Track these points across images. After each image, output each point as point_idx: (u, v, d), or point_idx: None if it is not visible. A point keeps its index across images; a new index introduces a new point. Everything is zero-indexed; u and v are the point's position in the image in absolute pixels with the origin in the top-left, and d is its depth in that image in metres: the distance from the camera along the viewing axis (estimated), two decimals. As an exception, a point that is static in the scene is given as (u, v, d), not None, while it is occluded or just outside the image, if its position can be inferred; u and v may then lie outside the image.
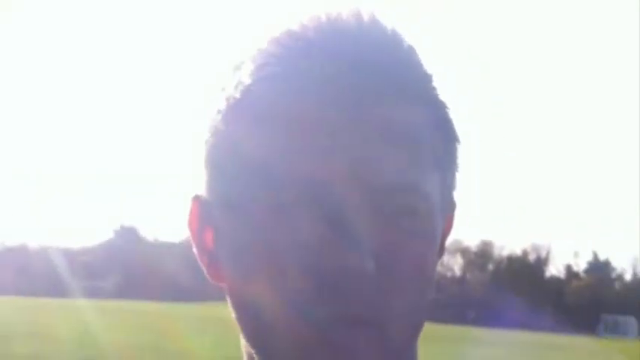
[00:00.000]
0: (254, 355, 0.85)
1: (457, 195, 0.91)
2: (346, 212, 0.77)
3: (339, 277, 0.76)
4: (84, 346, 21.73)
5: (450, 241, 0.95)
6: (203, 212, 0.86)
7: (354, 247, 0.76)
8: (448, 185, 0.87)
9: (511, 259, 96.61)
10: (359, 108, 0.78)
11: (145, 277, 78.38)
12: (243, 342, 0.87)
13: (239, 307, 0.83)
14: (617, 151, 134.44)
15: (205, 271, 0.88)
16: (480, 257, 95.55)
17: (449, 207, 0.89)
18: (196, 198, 0.87)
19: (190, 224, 0.88)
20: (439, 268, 0.88)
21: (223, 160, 0.82)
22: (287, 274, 0.77)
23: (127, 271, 79.21)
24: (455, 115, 0.88)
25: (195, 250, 0.88)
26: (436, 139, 0.84)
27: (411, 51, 0.85)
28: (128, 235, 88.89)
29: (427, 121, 0.83)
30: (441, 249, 0.89)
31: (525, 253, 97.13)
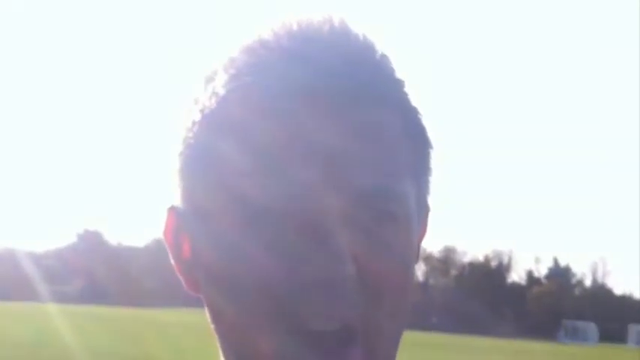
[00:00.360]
0: None
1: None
2: (324, 220, 0.76)
3: (321, 287, 0.74)
4: (45, 351, 21.73)
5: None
6: (179, 223, 0.86)
7: (334, 255, 0.75)
8: (422, 190, 0.87)
9: (473, 265, 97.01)
10: (333, 114, 0.78)
11: (108, 282, 77.95)
12: (220, 352, 0.86)
13: (214, 319, 0.83)
14: (576, 157, 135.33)
15: (183, 282, 0.87)
16: (442, 263, 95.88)
17: (424, 211, 0.89)
18: (172, 209, 0.86)
19: (166, 235, 0.87)
20: None
21: (197, 172, 0.82)
22: (262, 286, 0.76)
23: (91, 275, 78.69)
24: (426, 120, 0.88)
25: (172, 260, 0.88)
26: (409, 144, 0.83)
27: (382, 57, 0.84)
28: (92, 239, 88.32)
29: (400, 126, 0.82)
30: (417, 253, 0.88)
31: (487, 259, 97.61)
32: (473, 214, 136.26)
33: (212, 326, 0.83)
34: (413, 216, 0.82)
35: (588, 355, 46.42)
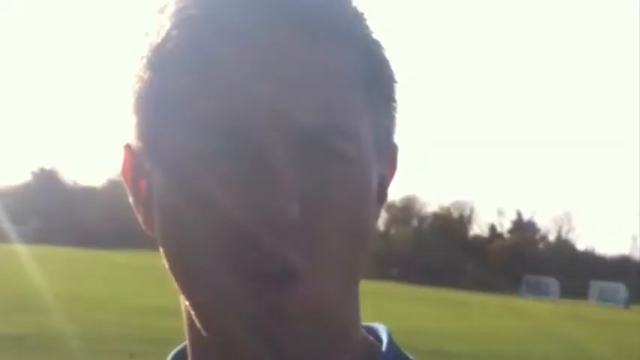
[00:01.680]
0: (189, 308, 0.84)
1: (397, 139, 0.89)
2: (268, 157, 0.75)
3: (266, 223, 0.74)
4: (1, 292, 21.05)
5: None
6: (135, 161, 0.85)
7: (277, 191, 0.74)
8: (384, 128, 0.85)
9: (435, 216, 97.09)
10: (278, 49, 0.77)
11: (63, 222, 77.12)
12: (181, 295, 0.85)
13: (168, 258, 0.82)
14: (541, 110, 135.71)
15: (141, 221, 0.86)
16: (403, 213, 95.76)
17: (386, 150, 0.86)
18: (128, 147, 0.85)
19: (124, 173, 0.87)
20: None
21: (149, 108, 0.81)
22: (208, 223, 0.76)
23: (45, 215, 77.78)
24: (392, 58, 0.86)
25: (130, 199, 0.87)
26: (366, 79, 0.82)
27: None
28: (47, 178, 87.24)
29: (355, 60, 0.81)
30: (382, 195, 0.87)
31: (449, 210, 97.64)
32: (437, 164, 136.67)
33: (166, 266, 0.83)
34: (368, 155, 0.81)
35: (548, 310, 46.33)
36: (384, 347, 0.90)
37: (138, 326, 16.65)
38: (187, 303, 0.82)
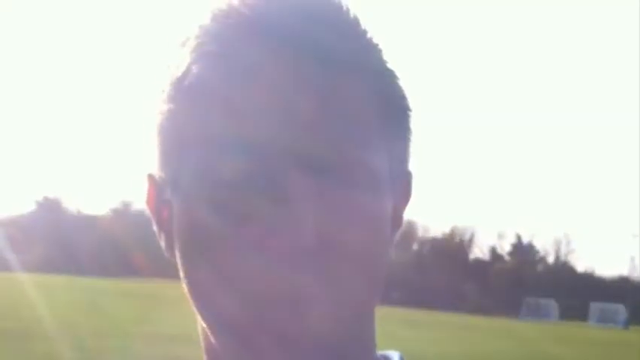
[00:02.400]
0: (206, 331, 0.85)
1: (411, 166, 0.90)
2: (285, 189, 0.76)
3: (281, 256, 0.76)
4: (8, 323, 21.13)
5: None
6: (158, 190, 0.87)
7: (292, 221, 0.76)
8: (398, 156, 0.86)
9: (435, 240, 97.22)
10: (294, 83, 0.78)
11: (67, 251, 77.25)
12: (198, 317, 0.86)
13: (186, 285, 0.83)
14: (539, 133, 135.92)
15: (164, 249, 0.88)
16: (404, 237, 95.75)
17: (401, 178, 0.88)
18: (151, 176, 0.88)
19: (148, 202, 0.89)
20: None
21: (168, 140, 0.83)
22: (225, 258, 0.78)
23: (49, 243, 77.94)
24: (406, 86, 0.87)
25: (154, 227, 0.89)
26: (379, 109, 0.83)
27: (355, 20, 0.84)
28: (51, 206, 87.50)
29: (370, 91, 0.82)
30: (396, 221, 0.88)
31: (450, 235, 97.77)
32: (436, 189, 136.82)
33: (185, 291, 0.84)
34: (383, 184, 0.82)
35: (547, 333, 46.48)
36: None
37: (140, 354, 16.89)
38: (205, 326, 0.84)
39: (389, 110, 0.84)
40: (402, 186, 0.89)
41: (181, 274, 0.84)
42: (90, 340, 18.71)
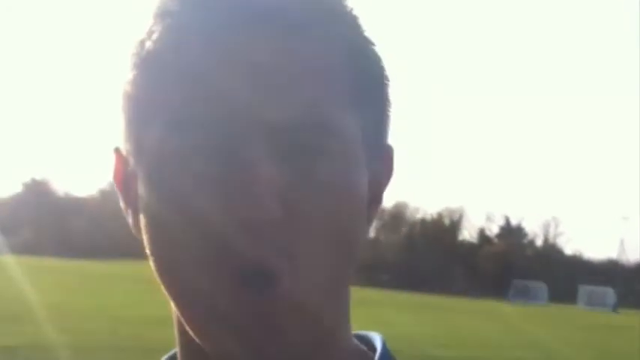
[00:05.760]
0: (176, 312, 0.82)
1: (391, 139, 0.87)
2: (245, 155, 0.73)
3: (244, 224, 0.72)
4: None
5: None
6: (124, 164, 0.83)
7: (254, 190, 0.72)
8: (374, 126, 0.83)
9: (425, 222, 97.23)
10: (257, 46, 0.75)
11: (55, 233, 77.08)
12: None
13: (153, 261, 0.80)
14: (529, 116, 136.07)
15: (130, 225, 0.85)
16: (393, 219, 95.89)
17: (378, 150, 0.84)
18: (117, 150, 0.85)
19: (115, 176, 0.86)
20: None
21: (133, 108, 0.80)
22: (186, 224, 0.75)
23: (37, 226, 77.74)
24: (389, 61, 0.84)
25: (121, 203, 0.86)
26: (353, 75, 0.80)
27: None
28: (38, 188, 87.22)
29: (340, 56, 0.79)
30: (375, 196, 0.85)
31: (439, 217, 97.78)
32: (426, 170, 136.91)
33: (153, 270, 0.81)
34: (355, 152, 0.79)
35: (536, 315, 46.57)
36: (376, 356, 0.90)
37: (128, 336, 16.78)
38: (174, 306, 0.81)
39: (363, 77, 0.81)
40: (380, 159, 0.85)
41: (147, 251, 0.80)
42: (78, 323, 18.65)
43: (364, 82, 0.81)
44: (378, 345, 0.91)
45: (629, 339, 28.62)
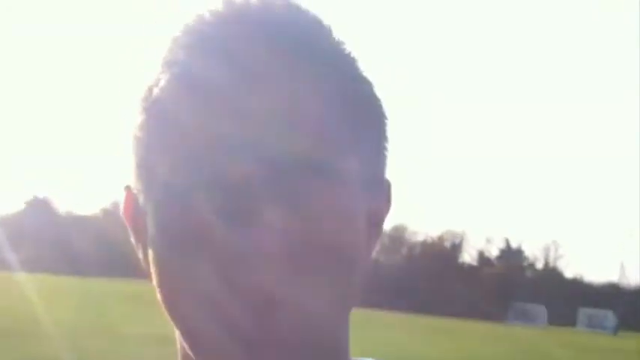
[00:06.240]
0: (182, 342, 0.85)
1: (390, 175, 0.91)
2: (247, 191, 0.76)
3: (247, 258, 0.76)
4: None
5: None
6: (134, 201, 0.87)
7: (258, 226, 0.76)
8: (371, 162, 0.86)
9: (425, 245, 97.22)
10: (259, 92, 0.78)
11: (56, 251, 77.05)
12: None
13: (160, 294, 0.83)
14: (530, 139, 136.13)
15: (141, 260, 0.88)
16: (393, 241, 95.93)
17: (376, 186, 0.88)
18: (128, 188, 0.88)
19: (125, 212, 0.89)
20: None
21: (142, 150, 0.83)
22: (193, 264, 0.78)
23: (38, 243, 77.76)
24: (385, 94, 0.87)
25: (131, 238, 0.89)
26: (350, 116, 0.83)
27: (320, 28, 0.85)
28: (40, 206, 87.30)
29: (339, 97, 0.82)
30: (374, 229, 0.88)
31: (440, 239, 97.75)
32: (425, 193, 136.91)
33: (161, 303, 0.84)
34: (352, 190, 0.82)
35: (536, 337, 46.58)
36: None
37: (132, 354, 16.89)
38: (179, 336, 0.85)
39: (359, 117, 0.84)
40: (379, 193, 0.89)
41: (155, 283, 0.83)
42: (81, 340, 18.70)
43: (361, 124, 0.84)
44: None
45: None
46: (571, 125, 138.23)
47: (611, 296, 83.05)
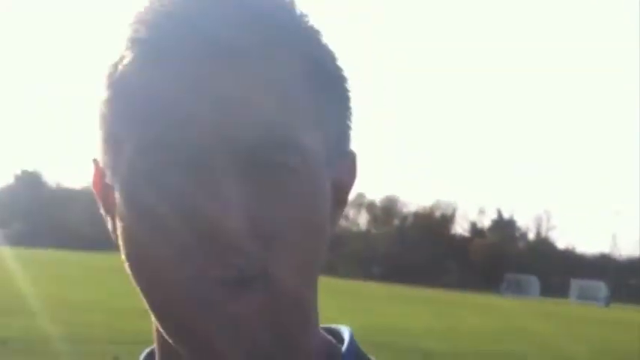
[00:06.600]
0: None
1: (357, 146, 0.91)
2: (211, 171, 0.78)
3: (209, 230, 0.77)
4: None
5: (353, 195, 0.90)
6: (102, 175, 0.87)
7: (219, 202, 0.76)
8: (336, 135, 0.87)
9: (417, 216, 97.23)
10: (220, 65, 0.79)
11: (46, 225, 76.93)
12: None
13: (129, 269, 0.84)
14: (523, 109, 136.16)
15: (110, 232, 0.88)
16: (385, 213, 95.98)
17: (340, 158, 0.88)
18: (95, 161, 0.88)
19: (94, 185, 0.90)
20: (344, 222, 0.88)
21: (107, 125, 0.84)
22: (158, 236, 0.79)
23: (29, 217, 77.60)
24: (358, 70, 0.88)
25: (101, 210, 0.89)
26: (312, 90, 0.83)
27: (288, 4, 0.85)
28: (30, 180, 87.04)
29: (302, 70, 0.83)
30: (339, 201, 0.89)
31: (432, 210, 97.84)
32: (417, 164, 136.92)
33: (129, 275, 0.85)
34: (317, 164, 0.83)
35: (528, 309, 46.60)
36: (344, 348, 0.93)
37: (122, 329, 16.61)
38: (150, 309, 0.84)
39: (322, 90, 0.85)
40: (343, 166, 0.89)
41: (122, 254, 0.84)
42: (71, 315, 18.60)
43: (325, 98, 0.85)
44: (346, 336, 0.94)
45: (622, 333, 28.67)
46: (565, 93, 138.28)
47: (603, 267, 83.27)
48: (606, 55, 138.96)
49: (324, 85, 0.85)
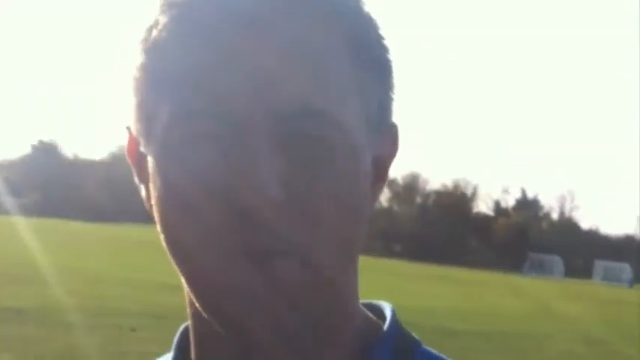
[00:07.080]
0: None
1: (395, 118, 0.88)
2: (249, 142, 0.76)
3: (245, 204, 0.75)
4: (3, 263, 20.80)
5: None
6: (136, 142, 0.86)
7: (257, 174, 0.75)
8: (377, 107, 0.84)
9: (439, 193, 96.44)
10: (257, 35, 0.77)
11: (62, 195, 76.64)
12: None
13: (164, 238, 0.82)
14: (549, 88, 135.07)
15: (144, 200, 0.87)
16: (407, 190, 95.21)
17: (381, 130, 0.86)
18: (129, 129, 0.87)
19: (128, 154, 0.89)
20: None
21: (143, 92, 0.82)
22: (195, 206, 0.78)
23: (45, 188, 77.26)
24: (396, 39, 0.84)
25: (135, 178, 0.88)
26: (354, 60, 0.82)
27: None
28: (47, 151, 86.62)
29: (342, 41, 0.81)
30: (380, 175, 0.87)
31: (455, 187, 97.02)
32: (441, 141, 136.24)
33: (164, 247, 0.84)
34: (355, 137, 0.80)
35: (552, 289, 45.93)
36: (385, 326, 0.90)
37: (139, 300, 16.32)
38: (185, 283, 0.82)
39: (365, 61, 0.82)
40: (384, 137, 0.87)
41: (158, 227, 0.83)
42: (87, 286, 18.25)
43: (365, 68, 0.82)
44: (388, 314, 0.93)
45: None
46: (592, 71, 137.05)
47: (627, 249, 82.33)
48: (632, 37, 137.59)
49: (364, 56, 0.82)
